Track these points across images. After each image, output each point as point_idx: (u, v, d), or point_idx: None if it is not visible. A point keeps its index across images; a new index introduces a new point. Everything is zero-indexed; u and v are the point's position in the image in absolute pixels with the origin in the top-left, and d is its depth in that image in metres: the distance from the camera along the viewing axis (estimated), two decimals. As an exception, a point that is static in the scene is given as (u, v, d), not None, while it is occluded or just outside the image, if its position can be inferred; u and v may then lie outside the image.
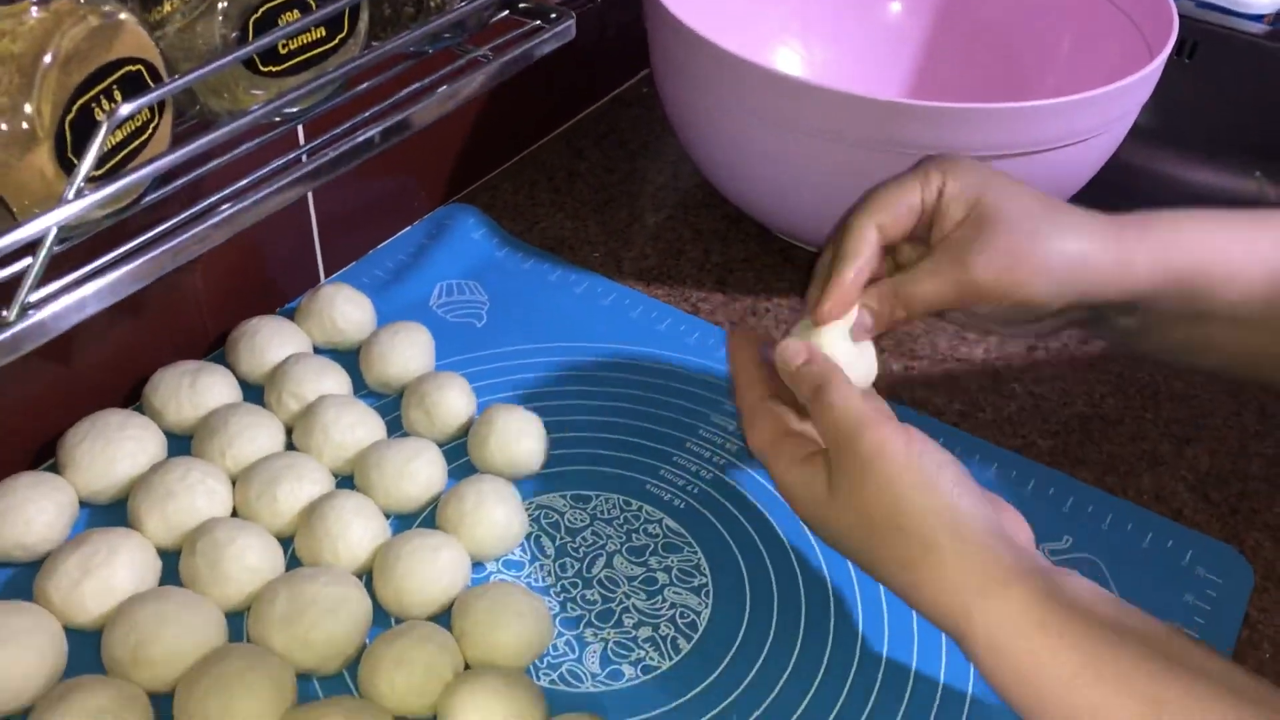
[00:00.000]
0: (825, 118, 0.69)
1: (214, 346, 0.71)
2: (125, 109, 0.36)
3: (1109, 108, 0.71)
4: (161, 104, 0.40)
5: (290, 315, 0.72)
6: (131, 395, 0.67)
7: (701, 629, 0.58)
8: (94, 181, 0.37)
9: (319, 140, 0.49)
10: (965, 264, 0.52)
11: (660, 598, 0.60)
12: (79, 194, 0.35)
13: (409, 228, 0.82)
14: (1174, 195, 0.98)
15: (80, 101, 0.36)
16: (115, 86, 0.38)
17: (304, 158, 0.48)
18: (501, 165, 0.89)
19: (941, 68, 0.92)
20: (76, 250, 0.42)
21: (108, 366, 0.66)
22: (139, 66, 0.38)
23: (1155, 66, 0.72)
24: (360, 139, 0.45)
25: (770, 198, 0.78)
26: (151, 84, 0.39)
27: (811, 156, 0.71)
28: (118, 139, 0.38)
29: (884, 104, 0.68)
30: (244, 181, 0.44)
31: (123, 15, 0.38)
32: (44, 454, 0.63)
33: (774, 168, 0.74)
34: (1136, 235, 0.53)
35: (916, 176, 0.54)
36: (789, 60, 0.91)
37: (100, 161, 0.38)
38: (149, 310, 0.67)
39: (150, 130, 0.40)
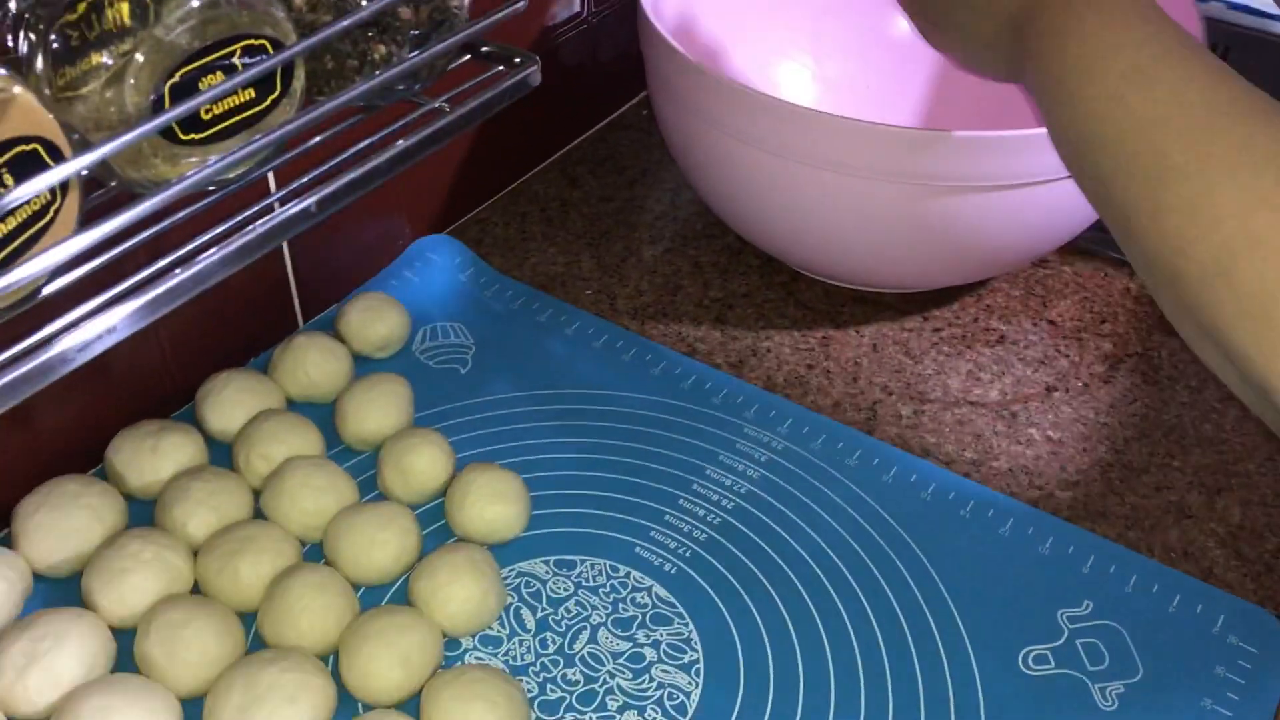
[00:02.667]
0: (834, 147, 0.65)
1: (183, 402, 0.68)
2: (10, 197, 0.32)
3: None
4: (64, 184, 0.36)
5: (264, 366, 0.69)
6: (94, 456, 0.64)
7: (690, 712, 0.54)
8: (-21, 277, 0.33)
9: (283, 191, 0.45)
10: None
11: (647, 676, 0.56)
12: (-42, 295, 0.32)
13: (391, 263, 0.78)
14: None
15: (-40, 190, 0.33)
16: (4, 169, 0.34)
17: (275, 205, 0.45)
18: (492, 196, 0.86)
19: (957, 81, 0.87)
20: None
21: (67, 428, 0.63)
22: (34, 145, 0.35)
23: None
24: (295, 209, 0.42)
25: (774, 228, 0.74)
26: (50, 163, 0.35)
27: (819, 187, 0.67)
28: (11, 227, 0.35)
29: (896, 132, 0.64)
30: (167, 259, 0.40)
31: (16, 89, 0.35)
32: None
33: (778, 198, 0.70)
34: None
35: None
36: (796, 76, 0.86)
37: (-10, 253, 0.34)
38: (112, 367, 0.64)
39: (51, 213, 0.36)
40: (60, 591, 0.58)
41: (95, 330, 0.37)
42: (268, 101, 0.41)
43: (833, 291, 0.78)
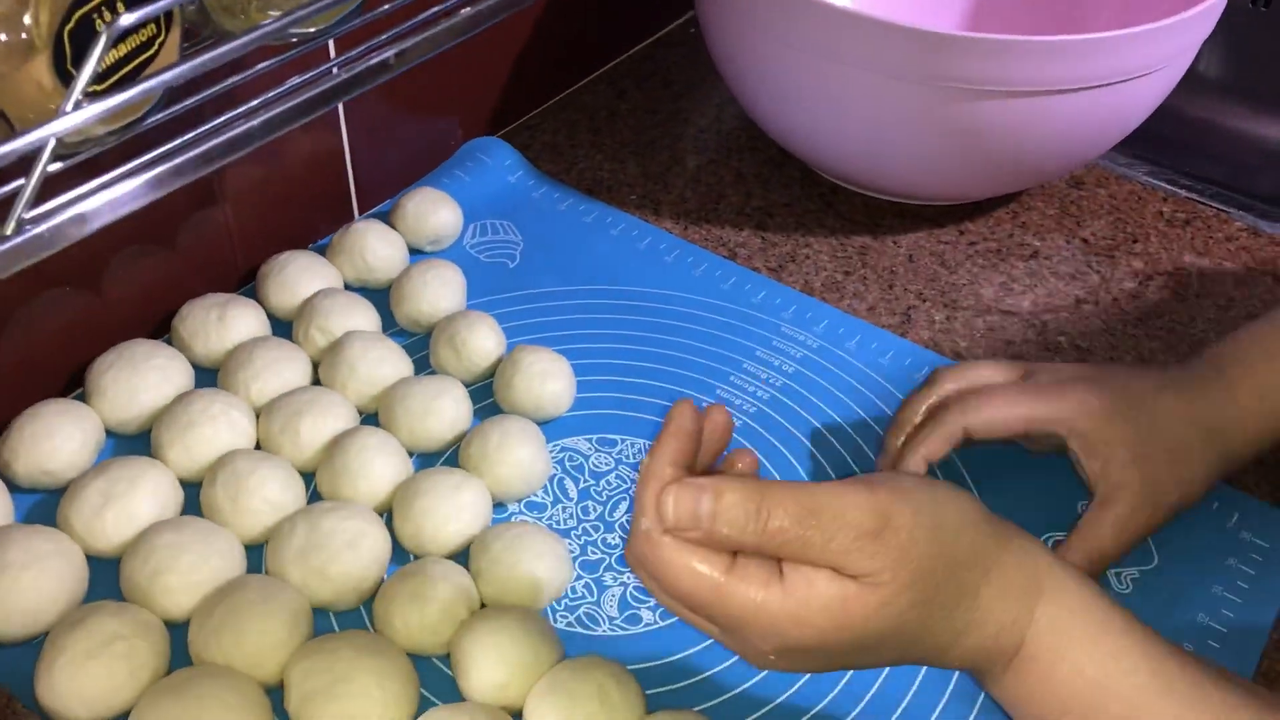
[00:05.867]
0: (872, 51, 0.66)
1: (245, 280, 0.71)
2: (126, 20, 0.35)
3: (1165, 43, 0.67)
4: (169, 19, 0.39)
5: (323, 251, 0.72)
6: (161, 327, 0.67)
7: (723, 576, 0.57)
8: (94, 95, 0.36)
9: (341, 58, 0.48)
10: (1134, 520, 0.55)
11: (683, 543, 0.58)
12: (77, 106, 0.34)
13: (444, 163, 0.80)
14: (1252, 152, 0.93)
15: (81, 11, 0.35)
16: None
17: (335, 70, 0.47)
18: (542, 105, 0.88)
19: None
20: (86, 166, 0.42)
21: (138, 297, 0.66)
22: (144, -22, 0.37)
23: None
24: (375, 61, 0.44)
25: (815, 135, 0.76)
26: (157, -3, 0.38)
27: (859, 91, 0.69)
28: (122, 53, 0.37)
29: (932, 36, 0.65)
30: (256, 101, 0.43)
31: (128, -75, 0.37)
32: (74, 383, 0.64)
33: (820, 103, 0.72)
34: (1227, 397, 0.57)
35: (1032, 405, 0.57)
36: None
37: (103, 76, 0.37)
38: (180, 243, 0.67)
39: (156, 46, 0.39)
40: (130, 446, 0.61)
41: (185, 157, 0.40)
42: (352, -41, 0.43)
43: (871, 204, 0.80)
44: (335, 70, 0.46)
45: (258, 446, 0.61)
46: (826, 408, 0.66)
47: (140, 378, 0.61)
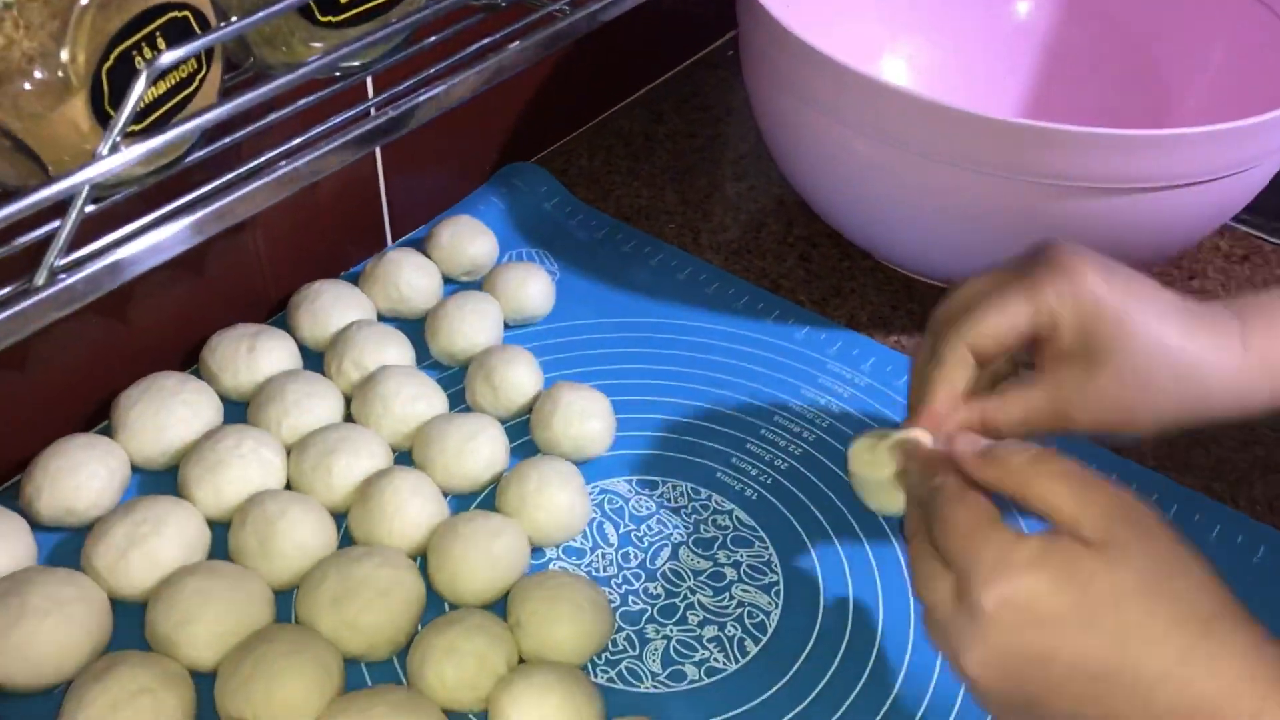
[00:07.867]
0: (935, 136, 0.60)
1: (276, 310, 0.69)
2: (166, 58, 0.33)
3: (1264, 139, 0.60)
4: (209, 54, 0.37)
5: (355, 280, 0.70)
6: (190, 357, 0.65)
7: (770, 631, 0.55)
8: (132, 136, 0.34)
9: (382, 96, 0.46)
10: (1065, 406, 0.47)
11: (728, 595, 0.56)
12: (114, 149, 0.32)
13: (479, 189, 0.78)
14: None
15: (119, 49, 0.33)
16: (158, 34, 0.35)
17: (372, 111, 0.45)
18: (578, 129, 0.86)
19: (1068, 72, 0.80)
20: (121, 207, 0.40)
21: (166, 327, 0.64)
22: (185, 13, 0.35)
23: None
24: (424, 97, 0.42)
25: (868, 221, 0.70)
26: (199, 31, 0.36)
27: (916, 178, 0.63)
28: (161, 91, 0.35)
29: (1002, 124, 0.58)
30: (298, 139, 0.41)
31: (169, -43, 0.35)
32: (99, 414, 0.62)
33: (873, 189, 0.66)
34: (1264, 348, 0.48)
35: (1026, 296, 0.47)
36: (896, 60, 0.82)
37: (141, 115, 0.35)
38: (210, 271, 0.65)
39: (197, 82, 0.37)
40: (156, 483, 0.59)
41: (225, 200, 0.38)
42: (400, -10, 0.41)
43: (918, 236, 0.77)
44: (372, 111, 0.44)
45: (288, 485, 0.59)
46: (875, 450, 0.64)
47: (168, 413, 0.59)
